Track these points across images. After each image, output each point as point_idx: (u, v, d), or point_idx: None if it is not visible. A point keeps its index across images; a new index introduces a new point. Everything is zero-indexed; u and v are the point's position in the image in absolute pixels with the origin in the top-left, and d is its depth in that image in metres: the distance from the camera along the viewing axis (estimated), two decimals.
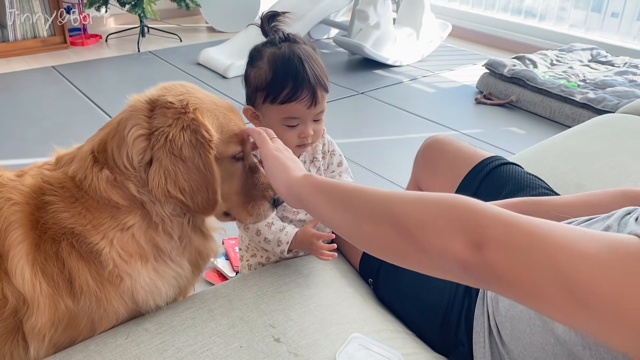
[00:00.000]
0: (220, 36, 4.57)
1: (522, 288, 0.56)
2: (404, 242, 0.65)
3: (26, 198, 0.92)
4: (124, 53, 4.15)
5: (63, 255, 0.90)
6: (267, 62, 1.09)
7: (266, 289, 1.09)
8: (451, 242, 0.60)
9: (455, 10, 5.11)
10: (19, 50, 3.97)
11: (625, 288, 0.52)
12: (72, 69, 3.77)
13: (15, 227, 0.90)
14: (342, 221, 0.75)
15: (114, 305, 0.94)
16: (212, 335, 0.96)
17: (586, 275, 0.53)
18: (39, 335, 0.92)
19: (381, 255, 0.71)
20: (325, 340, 0.98)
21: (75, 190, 0.93)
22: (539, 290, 0.55)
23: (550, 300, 0.55)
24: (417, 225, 0.64)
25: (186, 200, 0.92)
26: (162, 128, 0.90)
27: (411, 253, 0.65)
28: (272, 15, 1.16)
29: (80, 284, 0.91)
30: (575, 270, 0.54)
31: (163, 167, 0.89)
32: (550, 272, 0.55)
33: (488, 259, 0.57)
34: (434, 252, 0.62)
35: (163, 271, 0.98)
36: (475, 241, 0.59)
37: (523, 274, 0.56)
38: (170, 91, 0.94)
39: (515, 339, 0.89)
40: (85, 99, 3.29)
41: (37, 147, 2.61)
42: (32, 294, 0.89)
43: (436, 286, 1.05)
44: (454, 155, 1.32)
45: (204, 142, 0.90)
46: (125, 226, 0.93)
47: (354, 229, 0.73)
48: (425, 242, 0.62)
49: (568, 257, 0.55)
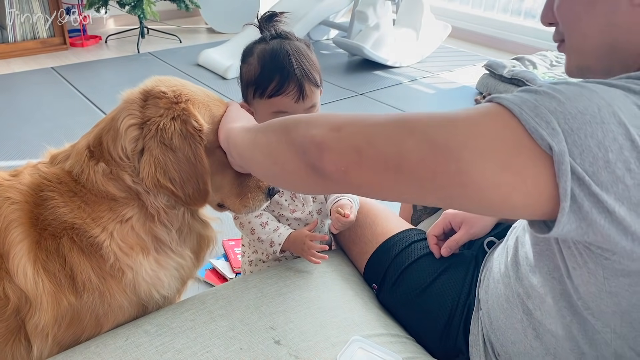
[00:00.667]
0: (220, 37, 4.57)
1: (382, 156, 0.62)
2: (287, 147, 0.72)
3: (24, 196, 0.92)
4: (123, 54, 4.15)
5: (64, 251, 0.91)
6: (256, 58, 1.13)
7: (267, 291, 1.09)
8: (313, 131, 0.68)
9: (455, 11, 5.11)
10: (18, 51, 3.97)
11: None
12: (71, 70, 3.76)
13: (15, 226, 0.90)
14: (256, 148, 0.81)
15: (117, 299, 0.95)
16: (212, 337, 0.96)
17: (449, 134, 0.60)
18: (42, 333, 0.92)
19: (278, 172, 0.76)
20: (326, 342, 0.97)
21: (73, 184, 0.93)
22: (405, 155, 0.61)
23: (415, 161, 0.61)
24: (294, 126, 0.72)
25: (176, 191, 0.92)
26: (153, 118, 0.91)
27: (289, 156, 0.71)
28: (270, 16, 1.19)
29: (83, 280, 0.91)
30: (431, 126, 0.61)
31: (153, 156, 0.90)
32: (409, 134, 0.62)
33: (345, 134, 0.65)
34: (300, 145, 0.69)
35: (165, 262, 0.98)
36: (336, 126, 0.67)
37: (381, 142, 0.62)
38: (164, 82, 0.96)
39: (505, 349, 0.89)
40: (85, 100, 3.28)
41: (37, 148, 2.59)
42: (35, 292, 0.89)
43: (439, 294, 1.05)
44: None
45: (194, 132, 0.91)
46: (123, 218, 0.93)
47: (264, 150, 0.79)
48: (296, 137, 0.70)
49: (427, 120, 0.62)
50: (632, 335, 0.70)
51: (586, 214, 0.58)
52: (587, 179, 0.57)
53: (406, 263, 1.11)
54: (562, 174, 0.57)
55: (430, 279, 1.07)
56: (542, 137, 0.57)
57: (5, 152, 2.60)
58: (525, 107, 0.59)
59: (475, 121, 0.60)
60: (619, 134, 0.57)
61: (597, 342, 0.74)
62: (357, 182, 0.64)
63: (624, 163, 0.57)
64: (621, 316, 0.69)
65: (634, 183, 0.57)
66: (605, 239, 0.60)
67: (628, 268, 0.63)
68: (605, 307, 0.69)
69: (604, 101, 0.59)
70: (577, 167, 0.57)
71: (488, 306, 0.94)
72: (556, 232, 0.60)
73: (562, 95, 0.60)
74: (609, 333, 0.72)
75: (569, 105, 0.59)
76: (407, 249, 1.14)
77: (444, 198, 0.62)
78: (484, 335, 0.95)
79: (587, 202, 0.57)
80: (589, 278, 0.68)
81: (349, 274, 1.21)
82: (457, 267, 1.07)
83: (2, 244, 0.90)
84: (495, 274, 0.94)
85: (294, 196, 1.23)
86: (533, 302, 0.82)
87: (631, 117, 0.58)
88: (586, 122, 0.57)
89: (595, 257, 0.65)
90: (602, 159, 0.57)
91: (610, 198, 0.57)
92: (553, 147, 0.57)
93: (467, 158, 0.58)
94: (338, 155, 0.64)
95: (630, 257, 0.61)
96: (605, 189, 0.57)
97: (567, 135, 0.57)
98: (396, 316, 1.12)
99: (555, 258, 0.74)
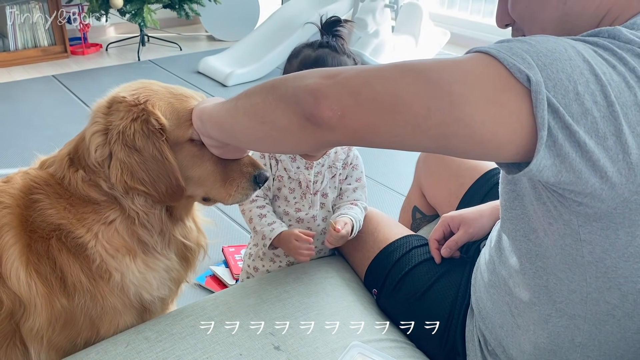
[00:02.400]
0: (220, 45, 4.59)
1: (378, 96, 0.64)
2: (276, 102, 0.73)
3: (16, 200, 0.94)
4: (124, 62, 4.17)
5: (54, 253, 0.92)
6: (298, 61, 1.15)
7: (266, 297, 1.09)
8: (306, 81, 0.69)
9: (454, 18, 5.13)
10: (19, 59, 3.99)
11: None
12: (72, 78, 3.78)
13: (7, 230, 0.91)
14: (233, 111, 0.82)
15: (109, 300, 0.95)
16: (212, 343, 0.96)
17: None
18: (37, 336, 0.93)
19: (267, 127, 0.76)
20: (325, 348, 0.98)
21: (58, 187, 0.95)
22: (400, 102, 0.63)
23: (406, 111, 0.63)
24: (281, 83, 0.73)
25: (148, 190, 0.93)
26: (115, 122, 0.92)
27: (279, 111, 0.72)
28: (334, 21, 1.19)
29: (73, 282, 0.92)
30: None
31: (119, 159, 0.91)
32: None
33: (340, 79, 0.66)
34: (292, 97, 0.69)
35: (153, 263, 0.99)
36: (330, 74, 0.68)
37: (376, 83, 0.64)
38: (126, 88, 0.97)
39: (495, 335, 0.91)
40: (85, 107, 3.30)
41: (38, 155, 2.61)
42: (29, 295, 0.90)
43: (438, 297, 1.05)
44: (458, 165, 1.33)
45: (155, 130, 0.92)
46: (107, 220, 0.94)
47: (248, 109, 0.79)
48: (286, 91, 0.71)
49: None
50: (606, 286, 0.74)
51: (560, 147, 0.61)
52: (561, 110, 0.60)
53: (406, 268, 1.12)
54: (539, 103, 0.60)
55: (429, 283, 1.07)
56: (519, 70, 0.61)
57: (7, 160, 2.61)
58: (502, 49, 0.64)
59: (462, 62, 0.65)
60: (585, 69, 0.62)
61: (572, 301, 0.77)
62: (353, 126, 0.65)
63: (591, 96, 0.61)
64: (596, 265, 0.73)
65: (600, 115, 0.61)
66: (577, 176, 0.63)
67: (599, 211, 0.67)
68: (581, 257, 0.73)
69: (568, 44, 0.65)
70: (552, 98, 0.61)
71: (477, 297, 0.97)
72: (534, 165, 0.62)
73: (532, 39, 0.65)
74: (585, 287, 0.75)
75: (539, 46, 0.64)
76: (408, 254, 1.14)
77: (437, 137, 0.63)
78: (477, 329, 0.97)
79: (561, 135, 0.61)
80: (565, 229, 0.72)
81: (349, 280, 1.21)
82: (455, 269, 1.08)
83: None
84: (482, 265, 0.97)
85: (303, 196, 1.23)
86: (514, 280, 0.86)
87: (591, 57, 0.64)
88: (556, 59, 0.62)
89: (569, 205, 0.69)
90: (572, 91, 0.61)
91: (581, 130, 0.61)
92: (531, 78, 0.60)
93: (459, 91, 0.61)
94: (335, 100, 0.65)
95: (600, 198, 0.65)
96: (576, 121, 0.61)
97: (541, 69, 0.61)
98: (395, 320, 1.12)
99: (531, 220, 0.78)
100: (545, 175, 0.64)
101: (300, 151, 1.10)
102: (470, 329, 0.99)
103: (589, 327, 0.78)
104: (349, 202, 1.24)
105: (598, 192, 0.64)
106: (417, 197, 1.47)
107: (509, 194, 0.83)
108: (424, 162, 1.43)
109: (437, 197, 1.38)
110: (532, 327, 0.84)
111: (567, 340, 0.81)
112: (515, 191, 0.81)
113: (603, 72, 0.62)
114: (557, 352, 0.83)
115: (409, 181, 1.53)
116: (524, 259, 0.83)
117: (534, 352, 0.85)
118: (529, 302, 0.83)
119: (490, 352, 0.94)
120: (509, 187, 0.82)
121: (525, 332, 0.85)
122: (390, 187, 2.48)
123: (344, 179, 1.27)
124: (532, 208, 0.77)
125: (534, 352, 0.85)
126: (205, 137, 0.92)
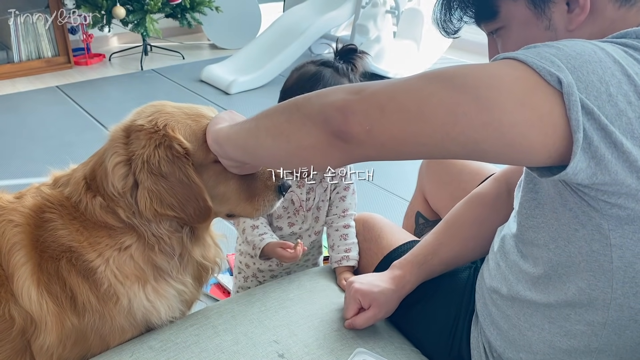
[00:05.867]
0: (223, 53, 4.61)
1: (405, 107, 0.64)
2: (299, 120, 0.72)
3: (27, 219, 0.94)
4: (127, 72, 4.20)
5: (63, 273, 0.92)
6: (299, 73, 1.18)
7: (270, 305, 1.09)
8: (331, 98, 0.69)
9: None
10: (23, 70, 4.01)
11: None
12: (76, 88, 3.80)
13: (18, 249, 0.92)
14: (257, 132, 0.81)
15: (118, 321, 0.95)
16: (216, 351, 0.96)
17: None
18: (47, 354, 0.93)
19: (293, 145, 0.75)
20: (330, 355, 0.97)
21: (73, 209, 0.95)
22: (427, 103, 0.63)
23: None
24: (305, 101, 0.73)
25: (178, 215, 0.93)
26: (137, 151, 0.92)
27: (306, 130, 0.71)
28: (350, 50, 1.23)
29: (83, 301, 0.92)
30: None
31: (146, 188, 0.91)
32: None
33: (367, 94, 0.66)
34: (319, 115, 0.69)
35: (164, 290, 0.98)
36: (355, 90, 0.67)
37: (402, 95, 0.64)
38: (140, 114, 0.97)
39: (500, 342, 0.91)
40: (90, 118, 3.31)
41: (43, 166, 2.61)
42: (40, 314, 0.90)
43: (443, 304, 1.05)
44: (460, 170, 1.33)
45: (179, 155, 0.92)
46: (122, 246, 0.94)
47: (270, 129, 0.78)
48: (312, 109, 0.71)
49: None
50: (632, 292, 0.72)
51: (596, 149, 0.61)
52: (595, 112, 0.60)
53: None
54: (573, 105, 0.60)
55: (433, 289, 1.07)
56: (550, 73, 0.60)
57: (12, 171, 2.63)
58: (530, 54, 0.63)
59: (489, 67, 0.64)
60: (616, 70, 0.62)
61: (594, 308, 0.76)
62: (381, 139, 0.65)
63: (625, 96, 0.61)
64: (625, 271, 0.71)
65: (635, 116, 0.61)
66: (612, 178, 0.62)
67: (633, 213, 0.66)
68: (609, 263, 0.71)
69: (597, 46, 0.64)
70: (585, 100, 0.60)
71: (481, 303, 0.96)
72: (571, 169, 0.61)
73: (559, 44, 0.65)
74: (610, 293, 0.74)
75: (567, 49, 0.63)
76: None
77: (466, 143, 0.62)
78: (482, 336, 0.96)
79: (597, 136, 0.60)
80: (593, 235, 0.71)
81: None
82: (459, 276, 1.08)
83: (7, 267, 0.91)
84: (485, 271, 0.96)
85: (296, 212, 1.25)
86: (523, 285, 0.84)
87: (622, 58, 0.63)
88: (585, 61, 0.62)
89: (600, 208, 0.68)
90: (605, 92, 0.61)
91: (617, 131, 0.60)
92: (562, 80, 0.60)
93: (486, 95, 0.61)
94: (363, 115, 0.65)
95: (636, 198, 0.64)
96: (611, 122, 0.60)
97: (572, 72, 0.61)
98: (400, 326, 1.11)
99: (551, 229, 0.77)
100: (580, 178, 0.63)
101: (326, 168, 1.12)
102: (475, 336, 0.98)
103: (608, 333, 0.77)
104: (340, 215, 1.29)
105: (634, 193, 0.64)
106: (420, 202, 1.47)
107: (530, 202, 0.81)
108: (426, 168, 1.43)
109: (440, 202, 1.38)
110: (546, 326, 0.82)
111: (583, 345, 0.79)
112: (537, 199, 0.79)
113: (636, 73, 0.62)
114: (572, 354, 0.81)
115: (414, 187, 1.53)
116: (540, 267, 0.81)
117: (549, 351, 0.83)
118: (544, 304, 0.81)
119: (495, 359, 0.93)
120: (530, 196, 0.81)
121: (539, 332, 0.83)
122: (395, 193, 2.48)
123: (333, 189, 1.29)
124: (555, 216, 0.75)
125: (549, 351, 0.83)
126: (224, 158, 0.92)
